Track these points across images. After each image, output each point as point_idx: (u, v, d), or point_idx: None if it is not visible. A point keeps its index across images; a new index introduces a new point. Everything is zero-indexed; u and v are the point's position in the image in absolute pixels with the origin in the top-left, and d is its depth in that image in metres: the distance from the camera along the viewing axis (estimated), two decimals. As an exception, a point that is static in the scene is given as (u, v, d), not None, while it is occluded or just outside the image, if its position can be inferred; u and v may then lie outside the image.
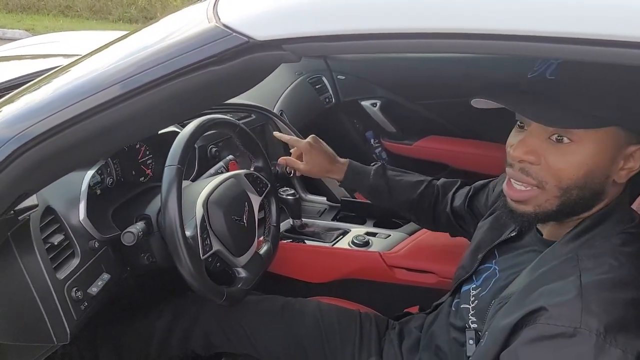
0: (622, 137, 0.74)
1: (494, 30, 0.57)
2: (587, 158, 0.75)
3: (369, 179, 1.30)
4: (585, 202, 0.78)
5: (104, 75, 0.73)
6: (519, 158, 0.78)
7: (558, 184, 0.77)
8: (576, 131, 0.74)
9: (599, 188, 0.77)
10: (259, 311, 1.22)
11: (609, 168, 0.76)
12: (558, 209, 0.79)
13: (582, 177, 0.76)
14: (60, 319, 0.90)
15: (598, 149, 0.74)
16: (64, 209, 1.00)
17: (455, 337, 0.95)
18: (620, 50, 0.54)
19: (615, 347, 0.64)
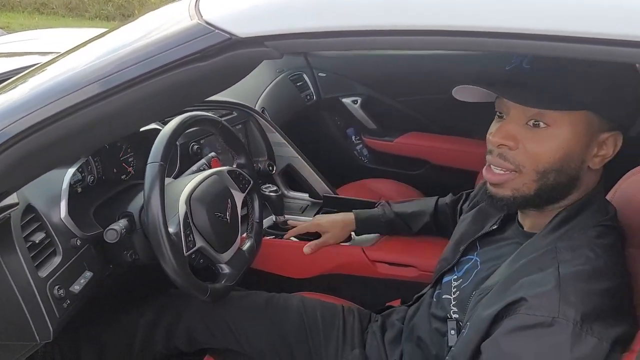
0: (596, 122, 0.78)
1: (472, 27, 0.59)
2: (562, 142, 0.78)
3: (381, 221, 1.43)
4: (562, 187, 0.81)
5: (85, 73, 0.73)
6: (498, 143, 0.81)
7: (535, 168, 0.80)
8: (551, 115, 0.77)
9: (574, 173, 0.80)
10: (243, 307, 1.23)
11: (584, 153, 0.79)
12: (536, 194, 0.81)
13: (559, 161, 0.79)
14: (43, 317, 0.90)
15: (573, 132, 0.78)
16: (45, 207, 1.00)
17: (437, 327, 0.98)
18: (597, 47, 0.56)
19: (592, 336, 0.67)
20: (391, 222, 1.41)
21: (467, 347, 0.78)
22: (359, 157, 2.45)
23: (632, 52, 0.55)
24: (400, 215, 1.41)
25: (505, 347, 0.72)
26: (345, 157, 2.44)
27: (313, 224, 1.46)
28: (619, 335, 0.69)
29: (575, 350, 0.67)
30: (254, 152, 1.80)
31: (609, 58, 0.58)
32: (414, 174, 2.31)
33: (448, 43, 0.62)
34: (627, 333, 0.70)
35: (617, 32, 0.55)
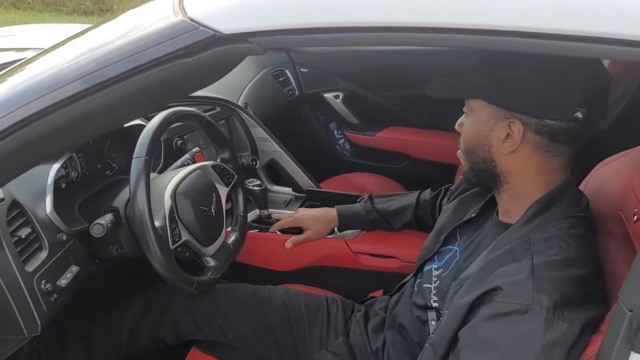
0: (493, 110, 0.86)
1: (445, 24, 0.62)
2: (470, 126, 0.92)
3: (362, 218, 1.45)
4: (483, 168, 0.92)
5: (69, 70, 0.74)
6: (456, 128, 0.97)
7: (463, 147, 0.95)
8: (467, 104, 0.91)
9: (486, 155, 0.91)
10: (229, 299, 1.25)
11: (487, 137, 0.89)
12: (470, 171, 0.95)
13: (470, 143, 0.93)
14: (31, 311, 0.91)
15: (475, 119, 0.90)
16: (30, 203, 1.00)
17: (418, 315, 1.01)
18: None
19: (563, 321, 0.72)
20: (373, 220, 1.44)
21: (445, 335, 0.82)
22: (341, 152, 2.47)
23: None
24: (382, 214, 1.43)
25: (481, 333, 0.76)
26: (328, 152, 2.46)
27: (295, 218, 1.48)
28: (589, 319, 0.73)
29: (548, 335, 0.71)
30: (238, 147, 1.81)
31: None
32: (395, 167, 2.34)
33: (429, 39, 0.65)
34: (596, 317, 0.74)
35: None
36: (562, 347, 0.71)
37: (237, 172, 1.35)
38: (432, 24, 0.62)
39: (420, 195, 1.43)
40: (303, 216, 1.48)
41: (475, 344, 0.76)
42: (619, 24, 0.59)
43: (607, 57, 0.90)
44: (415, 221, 1.41)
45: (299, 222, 1.48)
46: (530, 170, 0.88)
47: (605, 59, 1.00)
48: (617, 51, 0.60)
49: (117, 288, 1.36)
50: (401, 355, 1.03)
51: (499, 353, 0.73)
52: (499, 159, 0.89)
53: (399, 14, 0.64)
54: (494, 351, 0.73)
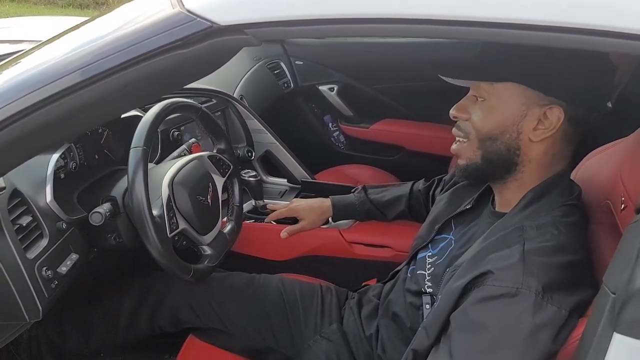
0: (527, 94, 0.85)
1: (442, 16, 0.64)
2: (493, 111, 0.87)
3: (356, 208, 1.46)
4: (505, 156, 0.89)
5: (67, 61, 0.75)
6: (453, 115, 0.93)
7: (477, 135, 0.90)
8: (485, 89, 0.87)
9: (513, 143, 0.88)
10: (225, 287, 1.27)
11: (518, 124, 0.86)
12: (483, 162, 0.91)
13: (493, 129, 0.88)
14: (32, 296, 0.93)
15: (501, 103, 0.86)
16: (31, 192, 1.02)
17: (411, 301, 1.03)
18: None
19: (551, 304, 0.74)
20: (367, 210, 1.46)
21: (438, 318, 0.84)
22: (336, 144, 2.49)
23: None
24: (376, 204, 1.45)
25: (472, 316, 0.78)
26: (323, 144, 2.48)
27: (291, 209, 1.50)
28: (577, 303, 0.75)
29: (537, 318, 0.73)
30: (233, 138, 1.83)
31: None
32: (389, 159, 2.36)
33: (423, 31, 0.67)
34: (584, 301, 0.76)
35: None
36: (550, 330, 0.73)
37: (233, 162, 1.37)
38: (425, 16, 0.64)
39: (414, 186, 1.44)
40: (298, 206, 1.50)
41: (466, 326, 0.78)
42: (614, 16, 0.60)
43: (603, 49, 0.92)
44: (408, 211, 1.43)
45: (294, 212, 1.50)
46: (546, 159, 0.89)
47: (601, 50, 1.01)
48: (611, 43, 0.62)
49: (115, 276, 1.37)
50: (394, 340, 1.05)
51: (489, 335, 0.75)
52: (525, 147, 0.88)
53: (392, 6, 0.65)
54: (484, 333, 0.75)
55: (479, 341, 0.75)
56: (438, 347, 0.81)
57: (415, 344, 0.86)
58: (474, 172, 0.93)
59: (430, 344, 0.83)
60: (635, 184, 0.82)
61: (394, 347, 1.05)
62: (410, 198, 1.43)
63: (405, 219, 1.47)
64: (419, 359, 0.85)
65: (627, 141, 0.96)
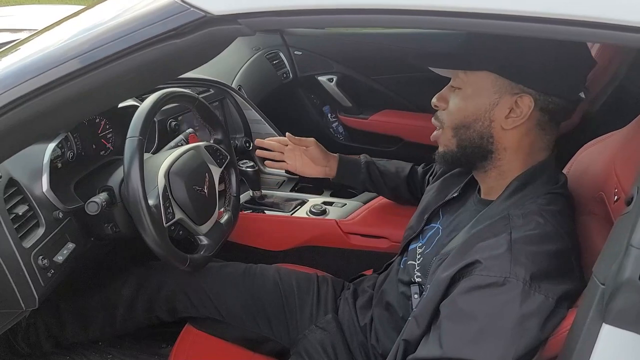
0: (499, 83, 0.86)
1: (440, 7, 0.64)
2: (467, 100, 0.89)
3: (361, 171, 1.41)
4: (479, 144, 0.91)
5: (62, 50, 0.75)
6: (434, 104, 0.96)
7: (451, 124, 0.92)
8: (461, 78, 0.89)
9: (485, 131, 0.89)
10: (222, 276, 1.28)
11: (490, 112, 0.88)
12: (459, 150, 0.93)
13: (466, 118, 0.90)
14: (28, 285, 0.94)
15: (474, 92, 0.88)
16: (27, 181, 1.03)
17: (403, 291, 1.04)
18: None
19: (539, 293, 0.75)
20: (369, 174, 1.41)
21: (427, 308, 0.85)
22: (335, 135, 2.49)
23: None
24: (380, 170, 1.42)
25: (461, 305, 0.79)
26: (321, 135, 2.47)
27: (303, 140, 1.41)
28: (565, 292, 0.76)
29: (524, 306, 0.74)
30: (231, 128, 1.83)
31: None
32: (388, 150, 2.36)
33: (419, 22, 0.66)
34: (573, 290, 0.77)
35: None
36: (538, 318, 0.74)
37: (230, 153, 1.37)
38: (420, 7, 0.64)
39: (413, 167, 1.43)
40: (310, 148, 1.41)
41: (455, 315, 0.79)
42: (613, 8, 0.60)
43: (601, 41, 0.92)
44: (406, 187, 1.41)
45: (304, 143, 1.42)
46: (522, 147, 0.90)
47: (599, 42, 1.02)
48: (610, 35, 0.62)
49: (112, 266, 1.38)
50: (387, 330, 1.06)
51: (478, 323, 0.76)
52: (498, 135, 0.89)
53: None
54: (473, 322, 0.76)
55: (468, 330, 0.76)
56: (428, 337, 0.82)
57: (406, 333, 0.87)
58: (451, 159, 0.96)
59: (420, 334, 0.84)
60: (628, 175, 0.83)
61: (387, 336, 1.06)
62: (409, 176, 1.41)
63: (401, 195, 1.44)
64: (410, 349, 0.85)
65: (622, 133, 0.96)
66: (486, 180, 0.96)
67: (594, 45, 1.51)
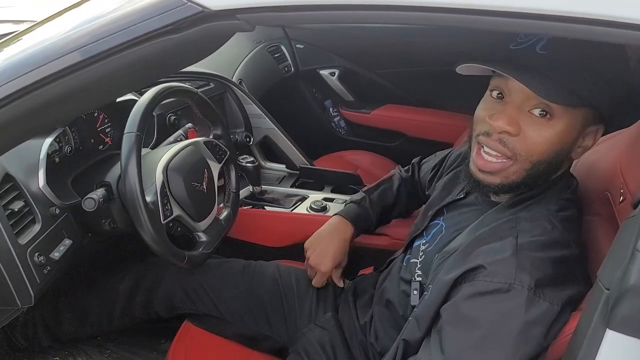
0: (588, 116, 0.80)
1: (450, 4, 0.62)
2: (560, 134, 0.78)
3: (372, 216, 1.28)
4: (547, 176, 0.84)
5: (60, 44, 0.74)
6: (502, 129, 0.79)
7: (530, 158, 0.80)
8: (557, 107, 0.76)
9: (561, 164, 0.84)
10: (220, 273, 1.27)
11: (573, 145, 0.82)
12: (522, 181, 0.83)
13: (552, 153, 0.80)
14: (24, 282, 0.93)
15: (570, 127, 0.78)
16: (23, 176, 1.01)
17: (404, 289, 1.03)
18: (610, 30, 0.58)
19: (544, 300, 0.73)
20: (380, 215, 1.31)
21: (429, 310, 0.83)
22: (336, 129, 2.47)
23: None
24: (384, 209, 1.32)
25: (464, 310, 0.77)
26: (323, 129, 2.46)
27: (329, 272, 1.21)
28: (569, 297, 0.75)
29: (529, 314, 0.72)
30: (232, 123, 1.82)
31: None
32: (390, 145, 2.34)
33: (422, 19, 0.65)
34: (577, 295, 0.76)
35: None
36: (543, 326, 0.72)
37: (230, 148, 1.35)
38: (416, 3, 0.62)
39: (401, 180, 1.34)
40: (340, 261, 1.23)
41: (457, 321, 0.77)
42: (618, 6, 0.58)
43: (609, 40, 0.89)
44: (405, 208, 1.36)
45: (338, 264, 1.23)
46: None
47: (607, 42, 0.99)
48: (616, 34, 0.60)
49: (110, 262, 1.37)
50: (387, 329, 1.05)
51: (481, 330, 0.74)
52: (563, 165, 0.85)
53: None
54: (476, 328, 0.74)
55: (471, 337, 0.74)
56: (429, 341, 0.80)
57: (406, 334, 0.86)
58: (506, 190, 0.85)
59: (421, 336, 0.83)
60: (634, 176, 0.81)
61: (386, 334, 1.05)
62: (399, 196, 1.33)
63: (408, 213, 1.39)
64: (410, 350, 0.84)
65: (628, 132, 0.95)
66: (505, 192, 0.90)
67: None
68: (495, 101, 0.83)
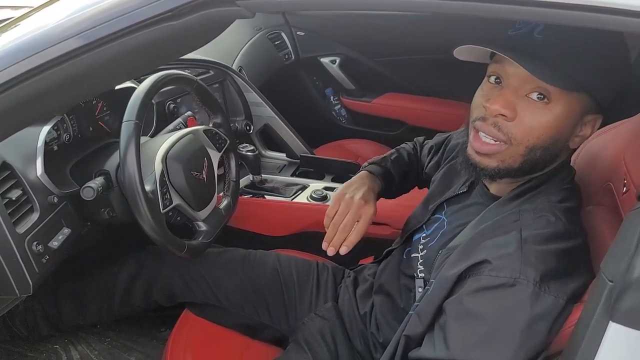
0: (587, 104, 0.79)
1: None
2: (557, 119, 0.77)
3: (394, 175, 1.23)
4: (544, 163, 0.83)
5: (59, 29, 0.73)
6: (497, 112, 0.78)
7: (526, 142, 0.79)
8: (554, 91, 0.76)
9: (558, 151, 0.82)
10: (220, 262, 1.27)
11: (571, 132, 0.81)
12: (519, 167, 0.82)
13: (548, 138, 0.79)
14: (22, 271, 0.92)
15: (567, 112, 0.77)
16: (21, 165, 1.00)
17: (405, 283, 1.02)
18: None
19: (549, 294, 0.72)
20: (400, 179, 1.26)
21: (431, 305, 0.82)
22: (337, 118, 2.46)
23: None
24: (403, 172, 1.27)
25: (468, 305, 0.76)
26: (323, 118, 2.45)
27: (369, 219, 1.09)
28: (574, 291, 0.74)
29: (535, 308, 0.72)
30: (231, 111, 1.81)
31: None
32: (391, 134, 2.33)
33: (427, 5, 0.63)
34: (580, 287, 0.75)
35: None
36: (548, 319, 0.72)
37: (230, 137, 1.34)
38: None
39: (411, 156, 1.31)
40: (371, 209, 1.10)
41: (462, 316, 0.76)
42: None
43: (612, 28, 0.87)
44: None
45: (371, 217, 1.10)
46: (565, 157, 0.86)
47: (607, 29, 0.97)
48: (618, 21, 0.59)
49: (110, 250, 1.37)
50: (388, 319, 1.05)
51: (486, 325, 0.73)
52: (561, 153, 0.83)
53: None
54: (481, 323, 0.74)
55: (476, 332, 0.74)
56: (433, 336, 0.79)
57: (408, 329, 0.85)
58: (503, 175, 0.84)
59: (423, 331, 0.82)
60: (638, 166, 0.80)
61: (387, 324, 1.05)
62: (412, 163, 1.29)
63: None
64: (412, 345, 0.84)
65: (632, 121, 0.94)
66: (505, 182, 0.89)
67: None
68: (493, 86, 0.82)
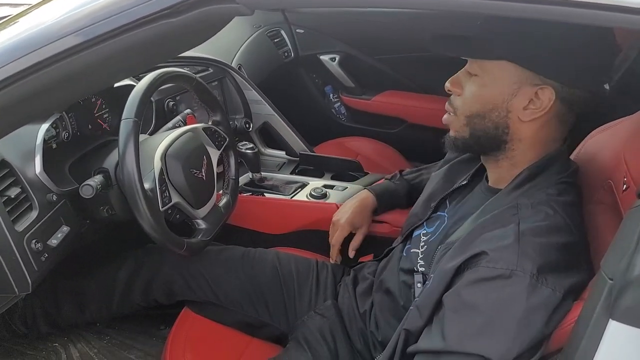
0: (518, 73, 0.82)
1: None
2: (484, 88, 0.86)
3: (400, 194, 1.36)
4: (493, 134, 0.88)
5: (58, 26, 0.73)
6: (448, 88, 0.91)
7: (465, 112, 0.89)
8: (480, 65, 0.85)
9: (501, 122, 0.87)
10: (220, 260, 1.26)
11: (508, 102, 0.85)
12: (471, 138, 0.90)
13: (481, 107, 0.87)
14: (21, 269, 0.92)
15: (492, 80, 0.85)
16: (19, 163, 1.00)
17: (405, 280, 1.02)
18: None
19: (546, 287, 0.73)
20: (411, 195, 1.34)
21: (430, 298, 0.83)
22: (337, 115, 2.45)
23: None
24: (415, 188, 1.35)
25: (466, 297, 0.76)
26: (323, 115, 2.44)
27: (347, 226, 1.32)
28: (572, 285, 0.74)
29: (531, 300, 0.72)
30: (231, 109, 1.80)
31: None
32: (391, 132, 2.32)
33: (427, 2, 0.63)
34: (579, 283, 0.75)
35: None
36: (544, 312, 0.72)
37: (229, 134, 1.34)
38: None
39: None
40: (353, 220, 1.32)
41: (459, 308, 0.77)
42: None
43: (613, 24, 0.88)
44: None
45: (351, 227, 1.33)
46: (538, 139, 0.87)
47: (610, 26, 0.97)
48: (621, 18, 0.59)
49: (109, 248, 1.37)
50: (387, 317, 1.05)
51: (483, 316, 0.74)
52: (514, 126, 0.86)
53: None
54: (478, 315, 0.74)
55: (472, 323, 0.74)
56: (431, 328, 0.80)
57: (408, 323, 0.85)
58: (462, 146, 0.93)
59: (423, 325, 0.82)
60: (638, 164, 0.80)
61: (386, 323, 1.05)
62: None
63: None
64: (412, 339, 0.84)
65: (633, 119, 0.94)
66: (496, 169, 0.93)
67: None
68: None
